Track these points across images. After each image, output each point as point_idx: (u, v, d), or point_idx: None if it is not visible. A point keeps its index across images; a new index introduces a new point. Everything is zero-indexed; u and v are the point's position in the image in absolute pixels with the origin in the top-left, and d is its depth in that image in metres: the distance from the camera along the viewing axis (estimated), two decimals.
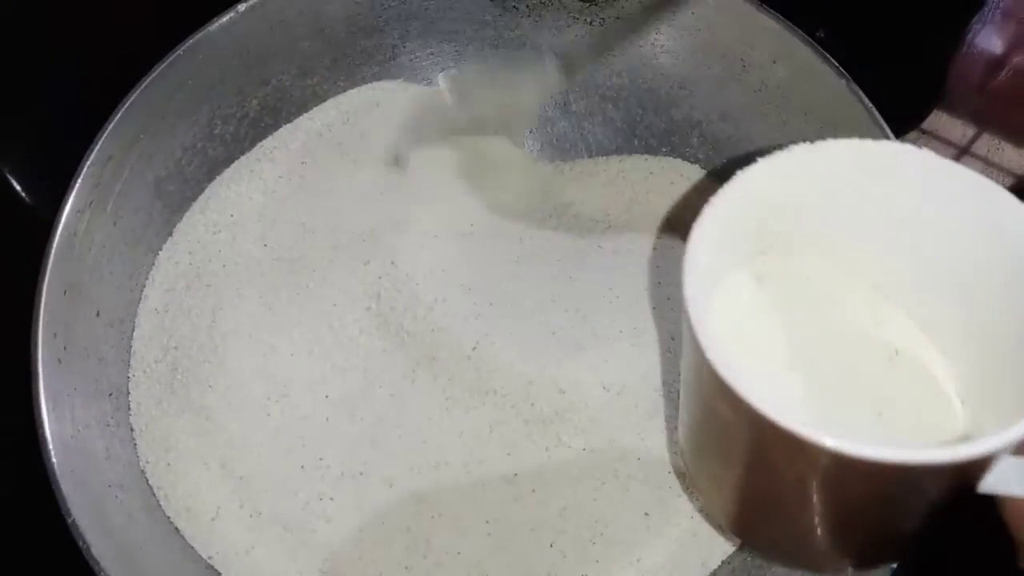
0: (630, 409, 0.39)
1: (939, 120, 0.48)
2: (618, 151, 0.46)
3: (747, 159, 0.27)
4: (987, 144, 0.46)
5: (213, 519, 0.36)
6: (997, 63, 0.33)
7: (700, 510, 0.37)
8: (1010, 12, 0.47)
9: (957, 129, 0.47)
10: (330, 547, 0.36)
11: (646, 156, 0.45)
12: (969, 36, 0.48)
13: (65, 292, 0.36)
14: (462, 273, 0.40)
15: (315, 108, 0.45)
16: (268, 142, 0.44)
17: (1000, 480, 0.24)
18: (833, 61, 0.39)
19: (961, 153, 0.46)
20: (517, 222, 0.43)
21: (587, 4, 0.44)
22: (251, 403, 0.38)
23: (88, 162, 0.37)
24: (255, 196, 0.42)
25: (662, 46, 0.44)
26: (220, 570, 0.36)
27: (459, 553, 0.37)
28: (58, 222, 0.36)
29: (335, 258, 0.41)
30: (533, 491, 0.38)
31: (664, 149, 0.46)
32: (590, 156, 0.46)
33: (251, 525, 0.36)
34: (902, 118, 0.48)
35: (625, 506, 0.38)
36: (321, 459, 0.37)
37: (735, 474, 0.30)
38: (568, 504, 0.37)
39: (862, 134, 0.29)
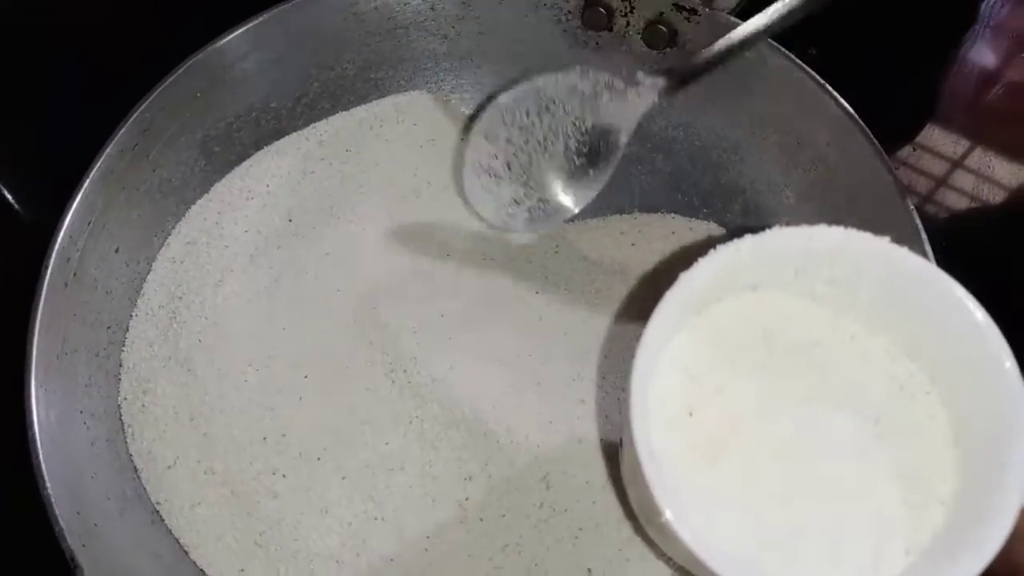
0: (597, 463, 0.38)
1: (932, 135, 0.48)
2: (658, 203, 0.45)
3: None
4: (979, 159, 0.46)
5: (169, 467, 0.37)
6: (990, 78, 0.32)
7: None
8: (1002, 28, 0.48)
9: (950, 144, 0.47)
10: (270, 521, 0.37)
11: (674, 215, 0.45)
12: (962, 52, 0.48)
13: (89, 223, 0.38)
14: (456, 300, 0.41)
15: (373, 101, 0.46)
16: (320, 125, 0.45)
17: None
18: (885, 155, 0.38)
19: (953, 167, 0.46)
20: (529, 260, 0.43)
21: (655, 51, 0.44)
22: (233, 366, 0.39)
23: (141, 108, 0.39)
24: (294, 173, 0.44)
25: (723, 108, 0.43)
26: (164, 517, 0.37)
27: (392, 560, 0.36)
28: (99, 156, 0.38)
29: (351, 248, 0.42)
30: (481, 520, 0.37)
31: (705, 210, 0.44)
32: (631, 201, 0.46)
33: (202, 481, 0.37)
34: (895, 133, 0.48)
35: (568, 559, 0.37)
36: (284, 435, 0.38)
37: (679, 553, 0.31)
38: (512, 543, 0.37)
39: (898, 234, 0.30)
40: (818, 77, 0.40)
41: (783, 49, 0.40)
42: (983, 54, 0.49)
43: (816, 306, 0.32)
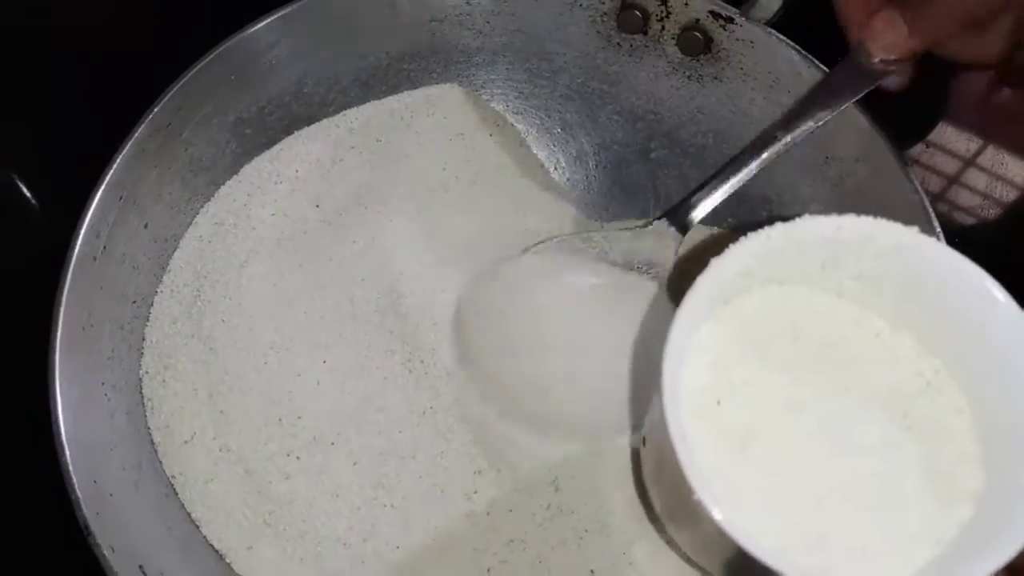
0: (609, 468, 0.38)
1: (944, 132, 0.48)
2: None
3: None
4: (992, 157, 0.46)
5: (186, 442, 0.38)
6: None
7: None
8: None
9: (962, 142, 0.47)
10: (280, 501, 0.37)
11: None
12: None
13: (120, 198, 0.39)
14: (477, 295, 0.41)
15: (406, 92, 0.46)
16: (352, 112, 0.46)
17: None
18: (911, 173, 0.38)
19: (966, 165, 0.46)
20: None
21: (689, 57, 0.44)
22: (254, 347, 0.39)
23: (176, 87, 0.40)
24: (323, 159, 0.44)
25: (753, 117, 0.43)
26: (178, 490, 0.37)
27: (398, 547, 0.37)
28: (132, 133, 0.39)
29: (377, 238, 0.42)
30: (488, 514, 0.38)
31: (730, 219, 0.44)
32: (656, 203, 0.46)
33: (217, 458, 0.38)
34: (907, 131, 0.49)
35: (573, 558, 0.37)
36: (300, 418, 0.38)
37: (706, 546, 0.32)
38: (517, 539, 0.37)
39: None
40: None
41: (817, 62, 0.40)
42: None
43: (842, 302, 0.32)
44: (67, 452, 0.34)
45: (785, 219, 0.30)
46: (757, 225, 0.44)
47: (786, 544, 0.28)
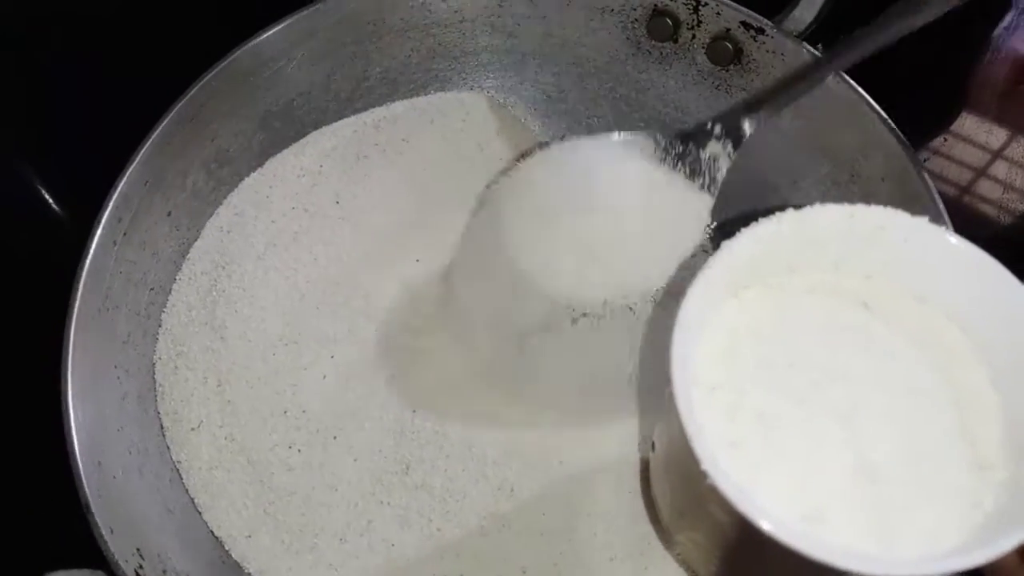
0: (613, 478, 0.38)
1: (966, 123, 0.47)
2: None
3: None
4: (1013, 148, 0.45)
5: (193, 429, 0.39)
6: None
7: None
8: None
9: (983, 133, 0.46)
10: (280, 492, 0.38)
11: None
12: (996, 39, 0.47)
13: (145, 184, 0.39)
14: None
15: (434, 94, 0.47)
16: (379, 111, 0.46)
17: None
18: (935, 193, 0.37)
19: (994, 157, 0.45)
20: None
21: (718, 67, 0.43)
22: (264, 338, 0.40)
23: (206, 78, 0.40)
24: (348, 156, 0.44)
25: (779, 130, 0.42)
26: (182, 476, 0.38)
27: (393, 545, 0.37)
28: (160, 122, 0.40)
29: (395, 236, 0.43)
30: (485, 516, 0.38)
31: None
32: None
33: (222, 447, 0.38)
34: (928, 123, 0.48)
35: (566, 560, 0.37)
36: (304, 411, 0.39)
37: (716, 545, 0.31)
38: (520, 538, 0.37)
39: None
40: (882, 112, 0.39)
41: (846, 76, 0.39)
42: (1018, 42, 0.48)
43: (855, 287, 0.32)
44: (74, 433, 0.35)
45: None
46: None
47: (808, 522, 0.27)
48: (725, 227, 0.44)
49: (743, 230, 0.30)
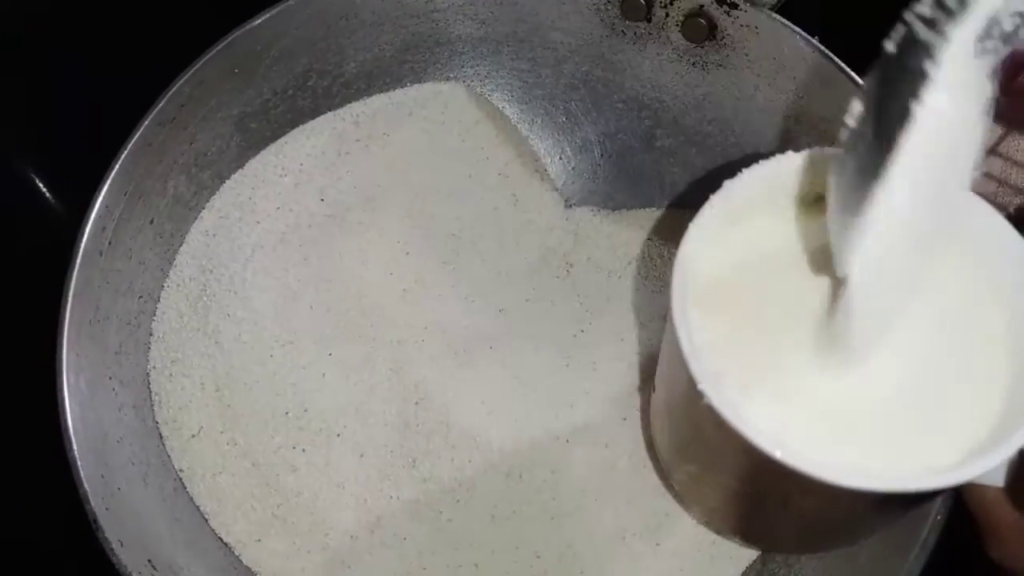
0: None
1: None
2: (689, 199, 0.45)
3: None
4: (1008, 144, 0.44)
5: (194, 436, 0.38)
6: (1022, 62, 0.31)
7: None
8: None
9: None
10: (288, 494, 0.37)
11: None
12: None
13: (126, 193, 0.39)
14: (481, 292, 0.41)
15: (412, 86, 0.46)
16: (357, 106, 0.45)
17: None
18: None
19: (989, 154, 0.43)
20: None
21: (693, 44, 0.43)
22: (259, 340, 0.40)
23: (179, 82, 0.40)
24: (329, 152, 0.44)
25: (758, 104, 0.43)
26: (186, 484, 0.38)
27: (405, 539, 0.37)
28: (137, 128, 0.39)
29: (383, 231, 0.42)
30: (493, 505, 0.38)
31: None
32: (661, 192, 0.46)
33: (225, 452, 0.38)
34: None
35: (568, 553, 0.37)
36: (305, 411, 0.39)
37: (713, 476, 0.31)
38: (523, 533, 0.37)
39: None
40: (860, 80, 0.39)
41: (822, 47, 0.40)
42: None
43: None
44: (75, 447, 0.34)
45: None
46: None
47: (807, 440, 0.26)
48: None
49: (744, 170, 0.30)
